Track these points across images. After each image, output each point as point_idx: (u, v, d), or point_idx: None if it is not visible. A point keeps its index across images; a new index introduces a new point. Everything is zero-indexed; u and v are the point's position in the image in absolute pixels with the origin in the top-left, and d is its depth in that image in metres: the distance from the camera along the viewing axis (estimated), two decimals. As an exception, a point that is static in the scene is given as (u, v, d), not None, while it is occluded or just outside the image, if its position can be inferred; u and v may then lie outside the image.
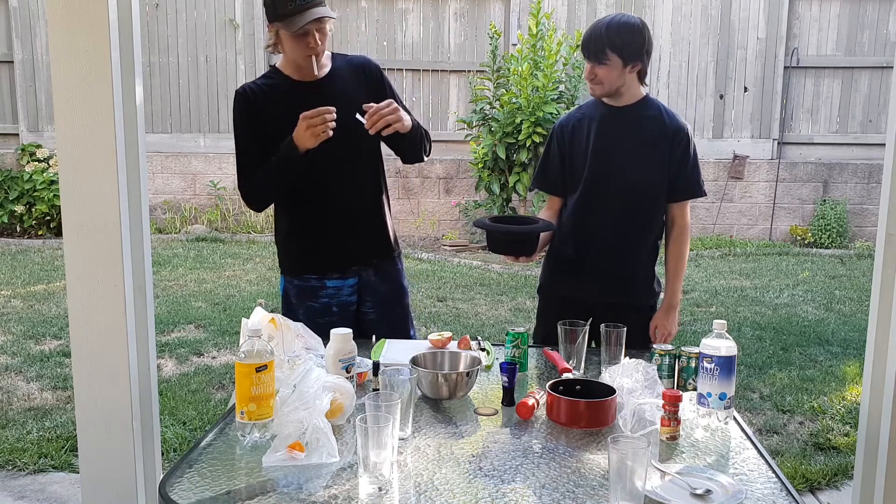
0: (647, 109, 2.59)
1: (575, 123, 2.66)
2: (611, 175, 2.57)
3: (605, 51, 2.45)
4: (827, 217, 8.34)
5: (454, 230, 8.45)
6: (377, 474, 1.54)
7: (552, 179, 2.73)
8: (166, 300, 5.81)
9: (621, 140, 2.57)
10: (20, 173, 8.30)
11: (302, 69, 2.50)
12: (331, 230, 2.58)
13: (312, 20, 2.34)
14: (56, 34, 2.03)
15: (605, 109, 2.60)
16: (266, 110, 2.52)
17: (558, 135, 2.69)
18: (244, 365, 1.73)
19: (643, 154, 2.56)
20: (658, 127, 2.57)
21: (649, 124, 2.57)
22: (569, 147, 2.65)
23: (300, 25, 2.34)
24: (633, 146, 2.56)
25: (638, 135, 2.57)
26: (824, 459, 3.47)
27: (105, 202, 2.07)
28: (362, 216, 2.61)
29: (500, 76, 7.60)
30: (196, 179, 8.83)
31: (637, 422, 1.81)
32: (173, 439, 3.50)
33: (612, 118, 2.58)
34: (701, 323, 5.43)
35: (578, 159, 2.62)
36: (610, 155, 2.57)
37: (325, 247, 2.59)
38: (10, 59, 8.82)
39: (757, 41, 8.66)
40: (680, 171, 2.59)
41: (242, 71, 8.82)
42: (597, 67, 2.49)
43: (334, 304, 2.62)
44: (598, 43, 2.47)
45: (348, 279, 2.62)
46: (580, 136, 2.63)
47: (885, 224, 2.14)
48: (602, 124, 2.59)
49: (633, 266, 2.64)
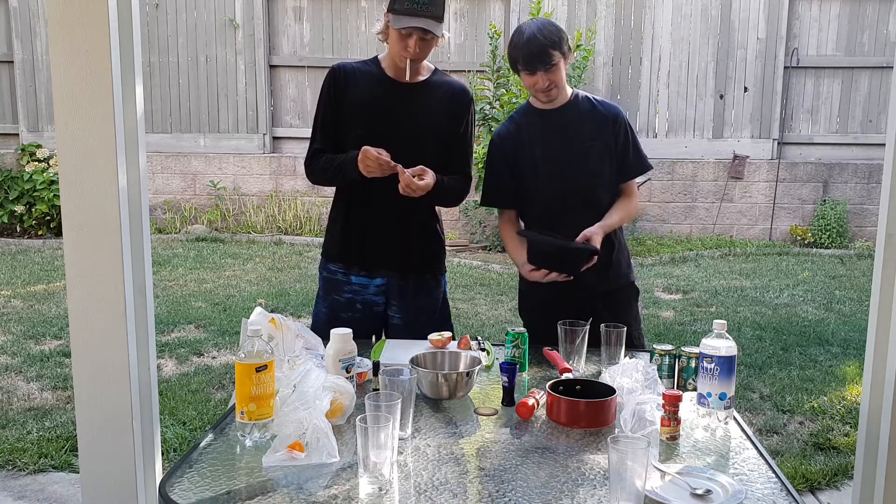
0: (580, 104, 2.63)
1: (513, 135, 2.67)
2: (566, 178, 2.59)
3: (549, 52, 2.45)
4: (827, 217, 8.34)
5: (454, 230, 8.45)
6: (377, 474, 1.54)
7: (502, 194, 2.71)
8: (166, 300, 5.81)
9: (567, 142, 2.59)
10: (20, 173, 8.30)
11: (398, 69, 2.53)
12: (367, 227, 2.59)
13: (417, 28, 2.39)
14: (56, 34, 2.03)
15: (540, 115, 2.62)
16: (352, 91, 2.56)
17: (500, 148, 2.68)
18: (244, 365, 1.73)
19: (591, 149, 2.59)
20: (595, 118, 2.61)
21: (587, 119, 2.60)
22: (514, 158, 2.65)
23: (404, 25, 2.39)
24: (578, 144, 2.58)
25: (580, 132, 2.59)
26: (824, 459, 3.47)
27: (105, 202, 2.07)
28: (403, 225, 2.60)
29: (500, 76, 7.60)
30: (196, 179, 8.83)
31: (637, 422, 1.81)
32: (173, 439, 3.50)
33: (550, 121, 2.60)
34: (701, 323, 5.43)
35: (527, 171, 2.63)
36: (560, 160, 2.59)
37: (356, 241, 2.61)
38: (10, 59, 8.82)
39: (757, 41, 8.66)
40: (625, 154, 2.63)
41: (242, 71, 8.82)
42: (548, 74, 2.48)
43: (358, 302, 2.63)
44: (541, 49, 2.45)
45: (375, 279, 2.62)
46: (522, 146, 2.64)
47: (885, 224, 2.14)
48: (543, 130, 2.61)
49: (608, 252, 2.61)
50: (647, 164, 2.71)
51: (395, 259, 2.62)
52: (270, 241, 8.16)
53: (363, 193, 2.57)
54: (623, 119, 2.65)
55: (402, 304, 2.65)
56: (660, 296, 6.31)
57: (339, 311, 2.62)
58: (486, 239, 8.24)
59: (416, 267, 2.66)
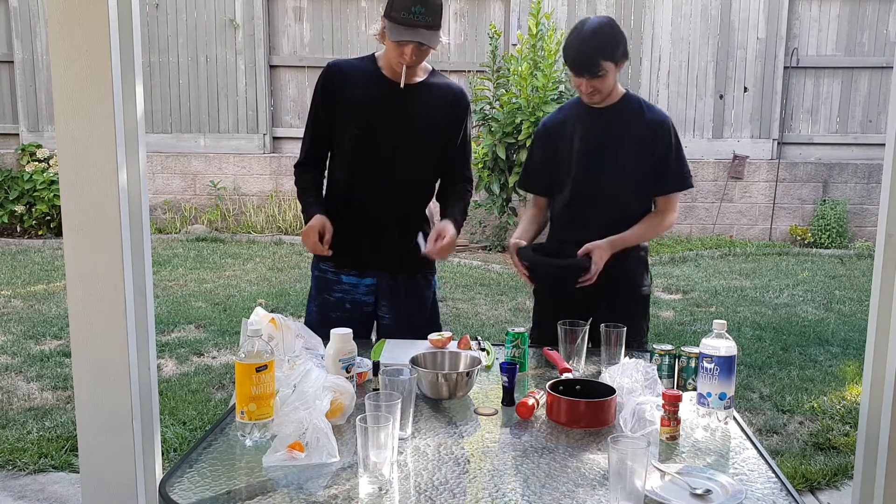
0: (629, 106, 2.60)
1: (558, 126, 2.67)
2: (599, 176, 2.58)
3: (598, 63, 2.44)
4: (827, 217, 8.34)
5: (454, 230, 8.45)
6: (377, 474, 1.54)
7: (536, 181, 2.77)
8: (166, 300, 5.81)
9: (607, 141, 2.58)
10: (20, 173, 8.30)
11: (395, 69, 2.51)
12: (358, 228, 2.59)
13: (412, 41, 2.36)
14: (56, 34, 2.03)
15: (587, 111, 2.61)
16: (347, 89, 2.55)
17: (542, 137, 2.72)
18: (244, 365, 1.73)
19: (629, 152, 2.56)
20: (640, 123, 2.58)
21: (632, 122, 2.58)
22: (553, 150, 2.66)
23: (400, 39, 2.37)
24: (618, 146, 2.57)
25: (622, 134, 2.57)
26: (824, 459, 3.47)
27: (105, 202, 2.07)
28: (394, 226, 2.59)
29: (499, 76, 7.60)
30: (196, 179, 8.83)
31: (637, 422, 1.81)
32: (173, 439, 3.50)
33: (595, 120, 2.59)
34: (701, 323, 5.43)
35: (564, 162, 2.63)
36: (596, 157, 2.58)
37: (347, 241, 2.58)
38: (10, 59, 8.82)
39: (757, 41, 8.66)
40: (665, 165, 2.59)
41: (242, 71, 8.83)
42: (593, 81, 2.48)
43: (348, 301, 2.63)
44: (591, 58, 2.44)
45: (365, 279, 2.62)
46: (564, 139, 2.64)
47: (885, 224, 2.14)
48: (586, 127, 2.60)
49: (624, 259, 2.60)
50: (686, 181, 2.63)
51: (385, 260, 2.61)
52: (270, 241, 8.16)
53: (355, 194, 2.57)
54: (668, 129, 2.58)
55: (392, 304, 2.64)
56: (660, 296, 6.31)
57: (329, 311, 2.62)
58: (486, 239, 8.24)
59: (406, 268, 2.64)
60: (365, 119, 2.53)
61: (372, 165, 2.55)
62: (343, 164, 2.60)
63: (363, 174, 2.56)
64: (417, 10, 2.33)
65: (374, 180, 2.54)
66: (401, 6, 2.34)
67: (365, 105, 2.53)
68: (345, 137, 2.55)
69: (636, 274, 2.67)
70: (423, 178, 2.64)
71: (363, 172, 2.56)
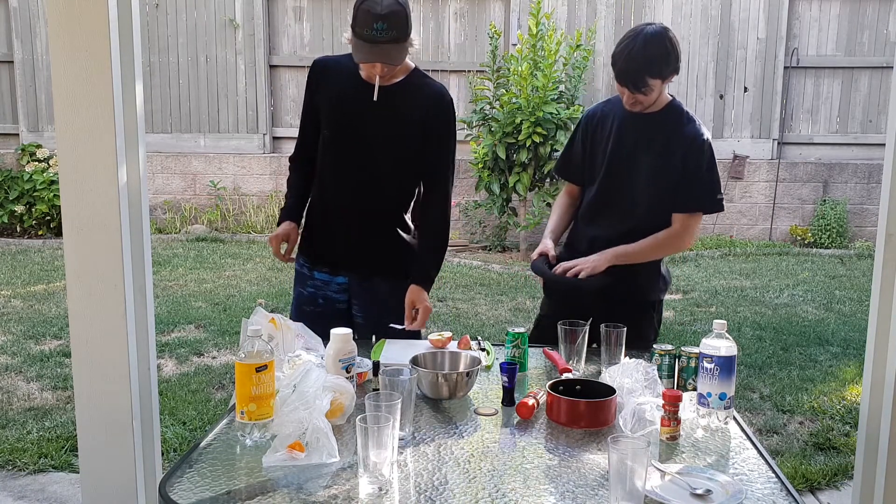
0: (669, 116, 2.53)
1: (600, 118, 2.64)
2: (624, 179, 2.55)
3: (645, 80, 2.38)
4: (827, 217, 8.34)
5: (454, 230, 8.45)
6: (377, 474, 1.54)
7: (573, 169, 2.74)
8: (166, 300, 5.80)
9: (637, 147, 2.54)
10: (20, 173, 8.30)
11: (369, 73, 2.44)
12: (330, 228, 2.58)
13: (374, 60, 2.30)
14: (56, 34, 2.03)
15: (629, 113, 2.54)
16: (325, 88, 2.52)
17: (584, 126, 2.69)
18: (244, 365, 1.73)
19: (657, 163, 2.50)
20: (676, 135, 2.51)
21: (668, 132, 2.51)
22: (591, 140, 2.65)
23: (364, 60, 2.33)
24: (648, 154, 2.52)
25: (654, 142, 2.52)
26: (824, 459, 3.47)
27: (105, 202, 2.07)
28: (365, 227, 2.56)
29: (500, 76, 7.60)
30: (196, 179, 8.83)
31: (637, 422, 1.81)
32: (173, 439, 3.50)
33: (633, 122, 2.54)
34: (701, 323, 5.43)
35: (598, 155, 2.62)
36: (625, 159, 2.55)
37: (318, 239, 2.61)
38: (10, 59, 8.81)
39: (757, 41, 8.65)
40: (690, 182, 2.50)
41: (242, 71, 8.82)
42: (636, 94, 2.43)
43: (320, 297, 2.63)
44: (637, 73, 2.38)
45: (337, 277, 2.61)
46: (602, 132, 2.61)
47: (885, 224, 2.14)
48: (623, 127, 2.56)
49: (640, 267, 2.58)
50: (706, 204, 2.53)
51: (357, 260, 2.58)
52: (270, 241, 8.15)
53: (327, 193, 2.57)
54: (701, 146, 2.48)
55: (363, 304, 2.61)
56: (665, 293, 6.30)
57: (303, 304, 2.64)
58: (486, 239, 8.24)
59: (380, 271, 2.58)
60: (336, 118, 2.49)
61: (342, 165, 2.52)
62: (320, 162, 2.58)
63: (335, 173, 2.54)
64: (379, 27, 2.21)
65: (345, 180, 2.52)
66: (363, 22, 2.23)
67: (336, 103, 2.49)
68: (321, 135, 2.54)
69: (645, 284, 2.62)
70: (397, 181, 2.54)
71: (334, 171, 2.53)
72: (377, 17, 2.21)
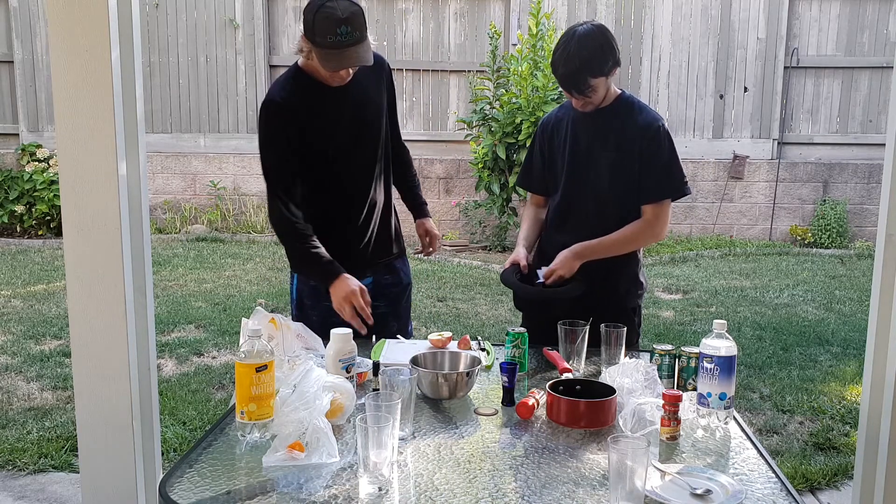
0: (621, 109, 2.52)
1: (555, 123, 2.65)
2: (587, 177, 2.55)
3: (587, 81, 2.38)
4: (827, 217, 8.33)
5: (454, 230, 8.45)
6: (377, 474, 1.54)
7: (535, 178, 2.75)
8: (166, 300, 5.80)
9: (595, 142, 2.53)
10: (20, 173, 8.30)
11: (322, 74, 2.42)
12: (350, 234, 2.58)
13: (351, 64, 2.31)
14: (56, 34, 2.03)
15: (581, 112, 2.54)
16: (299, 120, 2.43)
17: (540, 134, 2.70)
18: (244, 365, 1.73)
19: (615, 156, 2.50)
20: (629, 126, 2.50)
21: (621, 125, 2.50)
22: (549, 146, 2.65)
23: (336, 68, 2.31)
24: (604, 149, 2.51)
25: (610, 136, 2.51)
26: (824, 459, 3.47)
27: (105, 202, 2.07)
28: (378, 219, 2.62)
29: (499, 76, 7.60)
30: (196, 179, 8.83)
31: (637, 422, 1.81)
32: (173, 439, 3.50)
33: (586, 121, 2.54)
34: (701, 323, 5.43)
35: (557, 160, 2.62)
36: (585, 157, 2.54)
37: (342, 249, 2.53)
38: (10, 59, 8.81)
39: (757, 41, 8.65)
40: (650, 170, 2.48)
41: (242, 71, 8.82)
42: (582, 96, 2.43)
43: None
44: (578, 77, 2.37)
45: (363, 280, 2.59)
46: (559, 136, 2.62)
47: (885, 224, 2.14)
48: (577, 127, 2.56)
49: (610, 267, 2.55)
50: (671, 189, 2.49)
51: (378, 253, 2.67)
52: (270, 241, 8.14)
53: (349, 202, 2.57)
54: (656, 132, 2.46)
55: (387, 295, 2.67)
56: (660, 296, 6.31)
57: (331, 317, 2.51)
58: (486, 239, 8.24)
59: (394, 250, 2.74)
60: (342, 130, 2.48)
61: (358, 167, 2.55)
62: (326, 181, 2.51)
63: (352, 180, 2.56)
64: (343, 30, 2.21)
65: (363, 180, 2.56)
66: (325, 31, 2.21)
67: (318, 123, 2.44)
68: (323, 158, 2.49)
69: (623, 291, 2.60)
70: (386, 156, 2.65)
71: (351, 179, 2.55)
72: (339, 21, 2.21)
